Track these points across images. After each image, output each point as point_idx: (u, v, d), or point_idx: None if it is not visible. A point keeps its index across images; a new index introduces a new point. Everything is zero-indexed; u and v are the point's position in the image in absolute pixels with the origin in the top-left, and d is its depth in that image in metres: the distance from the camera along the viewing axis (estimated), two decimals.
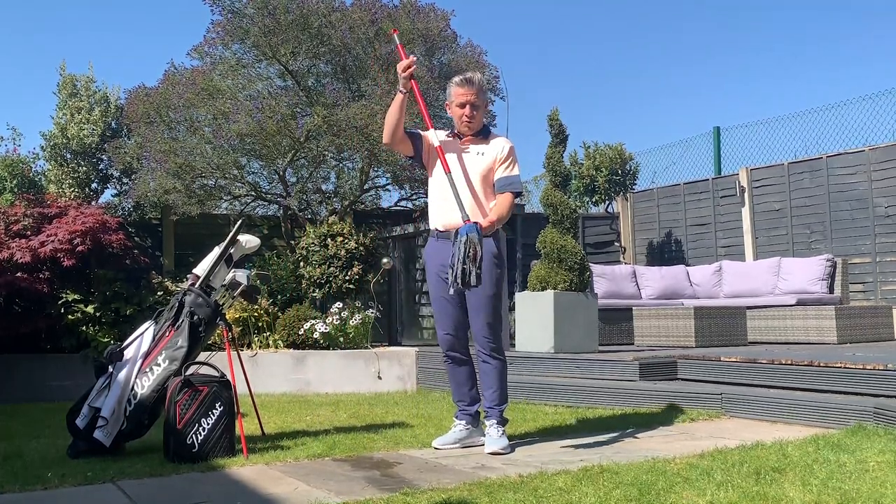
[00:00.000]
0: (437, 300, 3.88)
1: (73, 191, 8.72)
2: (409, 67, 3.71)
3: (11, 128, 10.91)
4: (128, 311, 6.92)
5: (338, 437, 4.06)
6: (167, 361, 3.76)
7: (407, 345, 7.72)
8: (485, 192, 3.82)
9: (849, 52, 20.86)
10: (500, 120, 9.71)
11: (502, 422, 3.80)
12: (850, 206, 8.62)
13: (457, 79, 3.89)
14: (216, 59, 8.41)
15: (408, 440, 3.95)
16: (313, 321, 7.07)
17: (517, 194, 3.86)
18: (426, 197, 9.36)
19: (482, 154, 3.83)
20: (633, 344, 7.25)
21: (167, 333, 3.83)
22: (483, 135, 3.88)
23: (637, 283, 8.98)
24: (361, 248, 7.65)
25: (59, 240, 6.64)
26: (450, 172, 3.70)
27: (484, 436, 3.84)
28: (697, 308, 6.73)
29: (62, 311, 6.86)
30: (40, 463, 3.56)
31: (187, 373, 3.71)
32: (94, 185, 9.09)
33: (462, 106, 3.82)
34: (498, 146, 3.85)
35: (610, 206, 11.02)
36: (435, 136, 3.85)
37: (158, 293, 7.27)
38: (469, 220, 3.56)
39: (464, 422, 3.88)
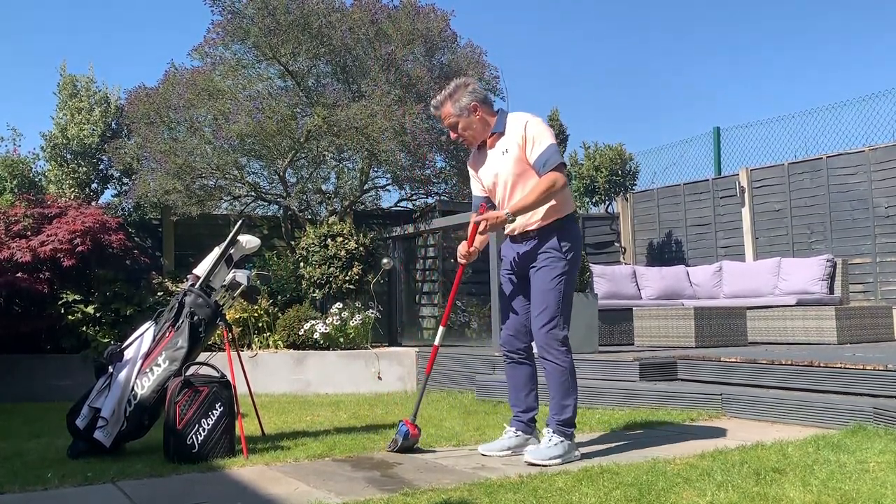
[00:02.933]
0: (502, 298, 3.77)
1: (73, 191, 8.71)
2: (465, 256, 3.69)
3: (11, 128, 10.91)
4: (128, 312, 6.93)
5: (338, 438, 4.06)
6: (167, 362, 3.76)
7: (407, 345, 7.72)
8: (525, 187, 3.52)
9: (850, 51, 20.86)
10: None
11: (560, 432, 3.41)
12: (850, 206, 8.62)
13: (431, 110, 3.82)
14: (216, 59, 8.41)
15: None
16: (313, 321, 7.07)
17: (558, 166, 3.43)
18: (426, 197, 9.41)
19: (506, 151, 3.54)
20: (632, 344, 7.24)
21: (167, 334, 3.83)
22: (499, 128, 3.59)
23: (637, 284, 8.98)
24: (361, 249, 7.65)
25: (59, 240, 6.64)
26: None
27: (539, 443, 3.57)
28: (697, 308, 6.72)
29: (62, 311, 6.86)
30: (40, 463, 3.56)
31: (187, 373, 3.71)
32: (94, 186, 9.08)
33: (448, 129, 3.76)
34: (515, 133, 3.53)
35: (610, 206, 11.03)
36: (472, 161, 3.80)
37: (158, 293, 7.28)
38: (407, 420, 3.71)
39: (514, 428, 3.65)
